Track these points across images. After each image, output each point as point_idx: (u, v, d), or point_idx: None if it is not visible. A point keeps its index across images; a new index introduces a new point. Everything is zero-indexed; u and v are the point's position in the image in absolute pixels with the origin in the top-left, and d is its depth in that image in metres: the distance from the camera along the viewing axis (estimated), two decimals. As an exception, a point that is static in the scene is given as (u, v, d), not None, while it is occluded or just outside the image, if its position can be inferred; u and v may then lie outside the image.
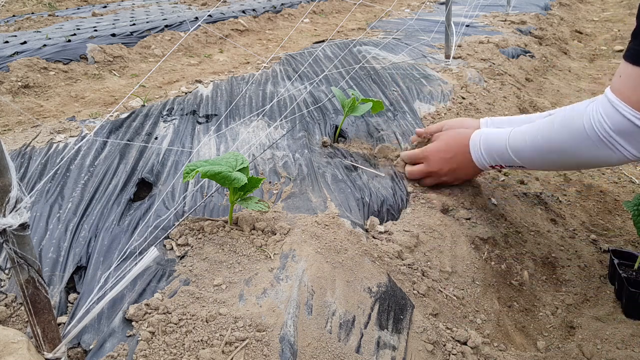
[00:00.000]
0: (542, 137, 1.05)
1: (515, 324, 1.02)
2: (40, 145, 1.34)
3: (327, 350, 0.75)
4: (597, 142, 0.93)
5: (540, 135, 1.06)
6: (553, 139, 1.02)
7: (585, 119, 0.95)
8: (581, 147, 0.97)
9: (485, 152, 1.17)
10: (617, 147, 0.91)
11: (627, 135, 0.90)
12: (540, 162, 1.09)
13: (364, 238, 1.00)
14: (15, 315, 0.80)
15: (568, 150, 1.00)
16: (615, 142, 0.91)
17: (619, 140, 0.91)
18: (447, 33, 2.19)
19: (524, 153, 1.10)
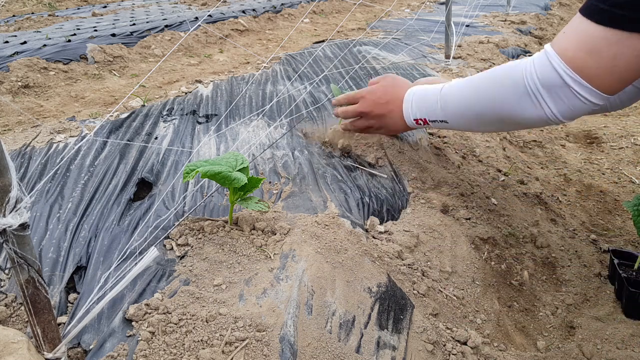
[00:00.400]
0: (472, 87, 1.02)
1: (515, 324, 1.02)
2: (40, 145, 1.34)
3: (327, 350, 0.75)
4: (523, 94, 0.89)
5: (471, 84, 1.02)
6: (482, 88, 0.99)
7: (517, 70, 0.91)
8: (506, 98, 0.93)
9: (415, 103, 1.14)
10: (540, 102, 0.88)
11: (552, 90, 0.86)
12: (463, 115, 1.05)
13: (364, 238, 1.00)
14: (15, 315, 0.80)
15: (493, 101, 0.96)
16: (540, 96, 0.87)
17: (544, 94, 0.87)
18: (447, 33, 2.19)
19: (451, 104, 1.06)
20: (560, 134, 2.00)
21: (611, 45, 0.78)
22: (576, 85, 0.83)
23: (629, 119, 2.09)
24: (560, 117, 0.88)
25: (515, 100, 0.91)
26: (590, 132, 1.99)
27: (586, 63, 0.81)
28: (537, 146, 1.86)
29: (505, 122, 0.99)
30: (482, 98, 1.00)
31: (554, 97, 0.86)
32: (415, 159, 1.35)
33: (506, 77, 0.94)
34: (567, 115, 0.88)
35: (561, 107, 0.87)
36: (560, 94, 0.85)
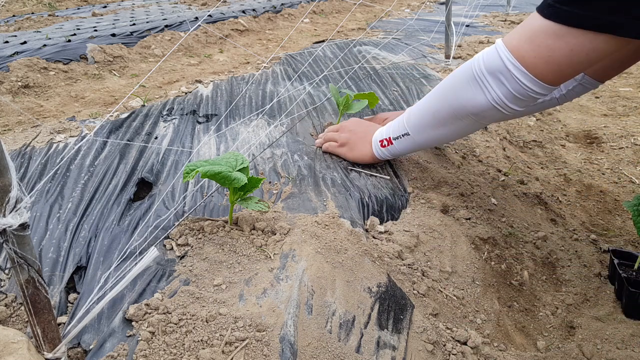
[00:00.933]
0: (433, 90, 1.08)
1: (515, 324, 1.02)
2: (40, 145, 1.34)
3: (327, 350, 0.75)
4: (471, 80, 0.95)
5: (434, 88, 1.08)
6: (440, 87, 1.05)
7: (469, 63, 0.98)
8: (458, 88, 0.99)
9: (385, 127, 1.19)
10: (486, 86, 0.93)
11: (494, 74, 0.91)
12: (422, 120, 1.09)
13: (364, 238, 1.00)
14: (15, 315, 0.80)
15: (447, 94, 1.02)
16: (485, 81, 0.93)
17: (488, 78, 0.92)
18: (447, 33, 2.19)
19: (414, 112, 1.11)
20: (560, 134, 2.00)
21: (549, 37, 0.83)
22: (515, 71, 0.88)
23: (629, 119, 2.09)
24: (506, 101, 0.93)
25: (465, 88, 0.97)
26: (590, 132, 1.99)
27: (525, 51, 0.87)
28: (537, 146, 1.86)
29: (458, 114, 1.02)
30: (439, 96, 1.05)
31: (497, 81, 0.92)
32: (415, 159, 1.35)
33: (459, 71, 1.00)
34: (512, 100, 0.92)
35: (504, 91, 0.92)
36: (502, 79, 0.91)
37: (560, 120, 2.10)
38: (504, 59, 0.89)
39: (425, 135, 1.11)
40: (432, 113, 1.06)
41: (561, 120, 2.10)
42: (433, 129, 1.09)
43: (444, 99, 1.03)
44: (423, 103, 1.10)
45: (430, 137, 1.11)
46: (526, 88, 0.89)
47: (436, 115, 1.06)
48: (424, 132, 1.10)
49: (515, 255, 1.18)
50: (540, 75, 0.87)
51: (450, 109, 1.02)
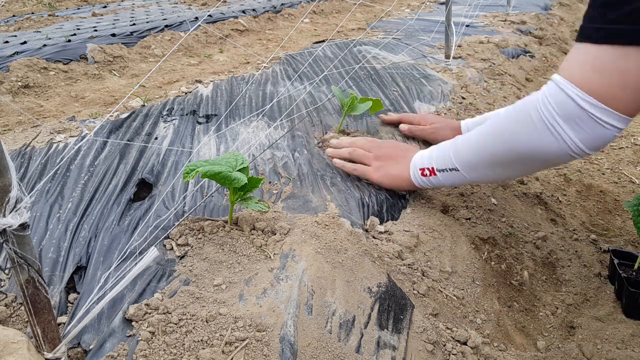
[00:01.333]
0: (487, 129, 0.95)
1: (515, 324, 1.02)
2: (40, 145, 1.34)
3: (327, 350, 0.75)
4: (541, 128, 0.84)
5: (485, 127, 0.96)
6: (496, 129, 0.93)
7: (531, 105, 0.86)
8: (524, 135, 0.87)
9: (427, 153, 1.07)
10: (560, 134, 0.83)
11: (571, 119, 0.81)
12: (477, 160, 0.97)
13: (364, 238, 1.00)
14: (15, 315, 0.80)
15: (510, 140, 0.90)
16: (559, 127, 0.82)
17: (563, 126, 0.82)
18: (447, 33, 2.19)
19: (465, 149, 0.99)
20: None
21: (615, 61, 0.76)
22: (593, 109, 0.79)
23: (629, 119, 2.09)
24: (584, 148, 0.83)
25: (535, 136, 0.86)
26: (590, 132, 1.99)
27: (597, 83, 0.78)
28: (537, 146, 1.85)
29: (526, 161, 0.92)
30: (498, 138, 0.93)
31: (573, 126, 0.81)
32: (415, 159, 1.35)
33: (521, 113, 0.89)
34: (591, 145, 0.82)
35: (583, 136, 0.81)
36: (579, 122, 0.80)
37: (560, 120, 2.10)
38: (576, 98, 0.79)
39: (479, 174, 1.00)
40: (490, 155, 0.95)
41: (561, 120, 2.10)
42: (490, 169, 0.98)
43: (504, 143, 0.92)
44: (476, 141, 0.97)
45: (487, 176, 1.01)
46: (608, 126, 0.79)
47: (495, 159, 0.95)
48: (479, 171, 0.99)
49: (515, 255, 1.18)
50: (619, 107, 0.78)
51: (516, 156, 0.91)
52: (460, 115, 1.71)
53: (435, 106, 1.75)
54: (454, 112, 1.71)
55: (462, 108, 1.76)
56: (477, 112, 1.77)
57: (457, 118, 1.67)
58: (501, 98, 1.99)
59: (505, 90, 2.09)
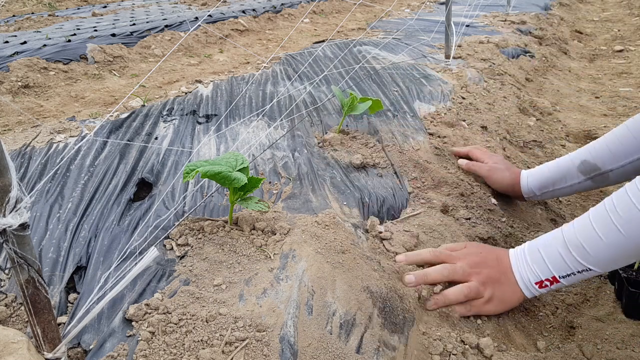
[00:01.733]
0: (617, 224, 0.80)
1: (515, 324, 1.02)
2: (40, 145, 1.34)
3: (327, 351, 0.75)
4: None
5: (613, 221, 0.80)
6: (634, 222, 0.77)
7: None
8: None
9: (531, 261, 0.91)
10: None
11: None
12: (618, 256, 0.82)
13: (364, 238, 1.00)
14: (15, 315, 0.80)
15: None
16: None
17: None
18: (447, 33, 2.19)
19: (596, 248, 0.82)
20: (560, 134, 2.00)
21: None
22: None
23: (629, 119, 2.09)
24: None
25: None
26: (590, 132, 1.99)
27: None
28: (537, 146, 1.86)
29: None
30: None
31: None
32: (415, 159, 1.35)
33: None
34: None
35: None
36: None
37: (560, 120, 2.10)
38: None
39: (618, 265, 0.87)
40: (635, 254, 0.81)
41: (561, 120, 2.10)
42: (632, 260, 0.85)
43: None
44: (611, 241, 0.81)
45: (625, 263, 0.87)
46: None
47: None
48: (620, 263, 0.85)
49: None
50: None
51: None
52: (460, 114, 1.71)
53: (435, 106, 1.75)
54: (454, 112, 1.71)
55: (462, 108, 1.76)
56: (477, 111, 1.77)
57: (457, 118, 1.67)
58: (501, 98, 1.99)
59: (505, 90, 2.09)
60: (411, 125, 1.56)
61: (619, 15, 4.61)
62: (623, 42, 3.48)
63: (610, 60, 3.13)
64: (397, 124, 1.55)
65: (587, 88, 2.58)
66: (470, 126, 1.69)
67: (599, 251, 0.81)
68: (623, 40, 3.54)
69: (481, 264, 0.94)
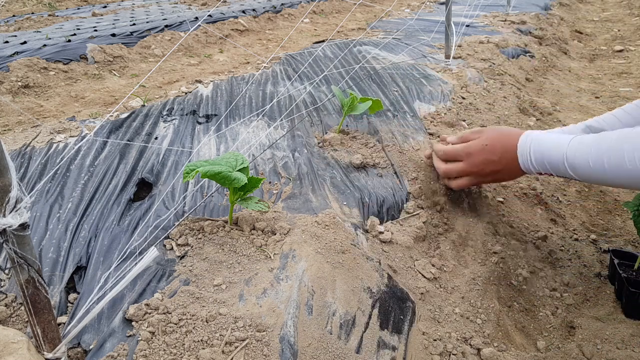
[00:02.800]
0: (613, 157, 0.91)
1: (515, 324, 1.02)
2: (40, 145, 1.34)
3: (327, 351, 0.75)
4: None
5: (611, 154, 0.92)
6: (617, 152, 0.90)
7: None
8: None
9: (535, 160, 1.04)
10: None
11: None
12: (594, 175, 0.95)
13: (364, 238, 1.00)
14: (15, 315, 0.80)
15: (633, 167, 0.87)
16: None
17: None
18: (447, 33, 2.19)
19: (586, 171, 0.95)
20: (560, 134, 2.00)
21: None
22: None
23: (629, 119, 2.09)
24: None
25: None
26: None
27: None
28: (537, 146, 1.85)
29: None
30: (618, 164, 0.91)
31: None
32: (415, 159, 1.35)
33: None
34: None
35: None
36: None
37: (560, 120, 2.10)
38: None
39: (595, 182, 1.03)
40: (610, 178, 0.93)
41: (561, 120, 2.10)
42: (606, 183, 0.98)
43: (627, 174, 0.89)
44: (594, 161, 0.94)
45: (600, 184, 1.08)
46: None
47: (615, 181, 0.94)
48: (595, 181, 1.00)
49: (515, 255, 1.18)
50: None
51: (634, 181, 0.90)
52: (460, 114, 1.71)
53: (435, 106, 1.75)
54: (454, 112, 1.71)
55: (462, 108, 1.76)
56: (477, 111, 1.77)
57: (457, 118, 1.67)
58: (501, 98, 1.99)
59: (505, 90, 2.09)
60: (411, 125, 1.56)
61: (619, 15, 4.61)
62: (623, 42, 3.48)
63: (610, 60, 3.13)
64: (397, 124, 1.55)
65: (587, 88, 2.58)
66: (470, 126, 1.69)
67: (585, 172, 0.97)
68: (623, 40, 3.55)
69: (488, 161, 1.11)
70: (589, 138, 0.97)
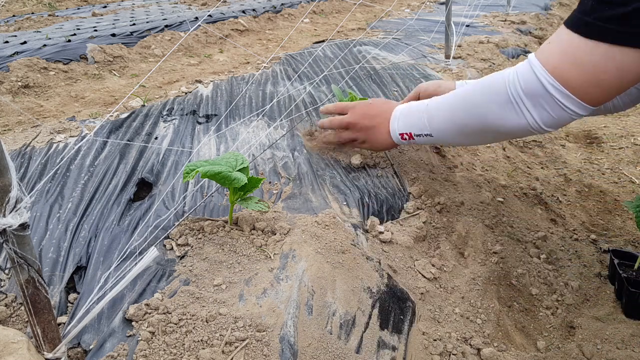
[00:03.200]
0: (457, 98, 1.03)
1: (515, 324, 1.02)
2: (40, 145, 1.34)
3: (327, 351, 0.75)
4: (506, 102, 0.90)
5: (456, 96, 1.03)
6: (467, 99, 1.00)
7: (501, 79, 0.92)
8: (490, 107, 0.93)
9: (402, 118, 1.14)
10: (522, 111, 0.88)
11: (534, 98, 0.86)
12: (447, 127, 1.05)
13: (364, 238, 1.00)
14: (15, 315, 0.80)
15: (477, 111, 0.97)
16: (522, 104, 0.88)
17: (526, 103, 0.87)
18: (447, 33, 2.19)
19: (437, 117, 1.06)
20: (560, 134, 2.00)
21: (595, 58, 0.78)
22: (560, 95, 0.83)
23: (629, 119, 2.09)
24: (543, 126, 0.89)
25: (499, 109, 0.92)
26: (590, 132, 1.99)
27: (570, 74, 0.81)
28: (537, 146, 1.86)
29: (488, 132, 0.99)
30: (466, 108, 1.00)
31: (537, 106, 0.87)
32: (416, 159, 1.35)
33: (490, 87, 0.94)
34: (550, 124, 0.88)
35: (544, 116, 0.87)
36: (544, 104, 0.85)
37: (560, 120, 2.10)
38: (544, 82, 0.84)
39: (449, 140, 1.10)
40: (459, 125, 1.03)
41: (561, 120, 2.10)
42: (458, 137, 1.06)
43: (472, 114, 0.99)
44: (447, 111, 1.05)
45: (455, 142, 1.12)
46: (570, 112, 0.84)
47: (463, 128, 1.02)
48: (449, 138, 1.08)
49: (515, 255, 1.18)
50: (586, 98, 0.82)
51: (479, 126, 0.98)
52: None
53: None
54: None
55: (462, 108, 1.76)
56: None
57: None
58: (501, 98, 1.99)
59: (505, 90, 2.08)
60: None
61: (619, 15, 4.60)
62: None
63: (610, 60, 3.12)
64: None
65: (587, 88, 2.58)
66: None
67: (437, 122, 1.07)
68: (623, 40, 3.54)
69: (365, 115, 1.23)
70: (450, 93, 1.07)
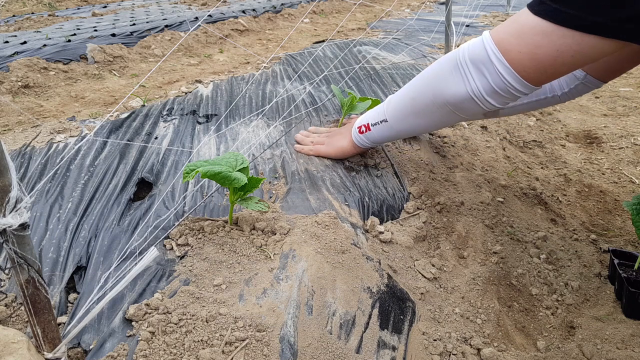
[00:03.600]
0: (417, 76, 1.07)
1: (515, 324, 1.02)
2: (40, 145, 1.34)
3: (327, 351, 0.75)
4: (454, 67, 0.94)
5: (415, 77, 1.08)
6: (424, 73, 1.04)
7: (455, 50, 0.97)
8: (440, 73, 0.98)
9: (364, 115, 1.19)
10: (467, 75, 0.92)
11: (477, 64, 0.90)
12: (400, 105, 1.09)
13: (364, 238, 1.00)
14: (15, 315, 0.80)
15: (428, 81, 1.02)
16: (467, 69, 0.92)
17: (470, 68, 0.91)
18: (447, 33, 2.19)
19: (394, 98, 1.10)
20: (560, 134, 2.00)
21: (536, 34, 0.82)
22: (498, 64, 0.87)
23: (629, 119, 2.09)
24: (484, 94, 0.92)
25: (447, 76, 0.96)
26: (590, 132, 1.99)
27: (511, 45, 0.85)
28: (537, 146, 1.86)
29: (436, 103, 1.01)
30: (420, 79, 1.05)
31: (478, 72, 0.91)
32: (416, 159, 1.35)
33: (444, 57, 0.99)
34: (491, 94, 0.91)
35: (484, 83, 0.91)
36: (484, 71, 0.90)
37: (560, 120, 2.10)
38: (488, 50, 0.88)
39: (403, 124, 1.11)
40: (411, 100, 1.06)
41: (561, 120, 2.10)
42: (411, 117, 1.08)
43: (424, 86, 1.03)
44: (404, 90, 1.10)
45: (409, 125, 1.12)
46: (506, 83, 0.88)
47: (415, 103, 1.05)
48: (402, 119, 1.10)
49: (515, 255, 1.18)
50: (522, 72, 0.86)
51: (429, 97, 1.02)
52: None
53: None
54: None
55: (462, 108, 1.76)
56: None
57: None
58: (501, 98, 1.99)
59: (505, 90, 2.08)
60: (411, 125, 1.56)
61: (619, 15, 4.60)
62: (623, 42, 3.48)
63: (610, 60, 3.12)
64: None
65: (587, 88, 2.58)
66: (470, 126, 1.69)
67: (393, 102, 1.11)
68: (623, 40, 3.54)
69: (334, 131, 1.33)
70: None
